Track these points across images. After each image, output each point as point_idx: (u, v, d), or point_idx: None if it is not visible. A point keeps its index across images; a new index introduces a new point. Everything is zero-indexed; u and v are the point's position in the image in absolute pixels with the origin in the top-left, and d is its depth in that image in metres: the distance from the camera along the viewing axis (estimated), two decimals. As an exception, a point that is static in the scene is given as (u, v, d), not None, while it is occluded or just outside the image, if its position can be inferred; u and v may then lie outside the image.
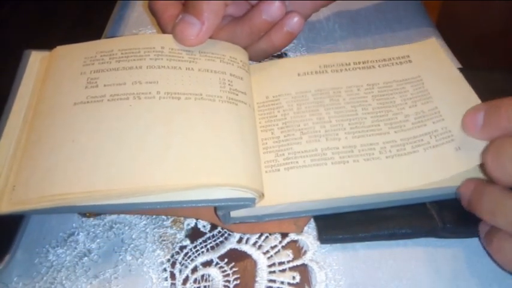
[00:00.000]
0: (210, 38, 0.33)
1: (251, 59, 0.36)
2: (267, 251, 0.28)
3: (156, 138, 0.27)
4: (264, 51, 0.35)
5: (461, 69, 0.33)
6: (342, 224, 0.28)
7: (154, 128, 0.28)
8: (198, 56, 0.32)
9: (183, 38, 0.31)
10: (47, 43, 0.33)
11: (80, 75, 0.30)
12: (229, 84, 0.31)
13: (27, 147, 0.28)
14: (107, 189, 0.25)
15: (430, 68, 0.33)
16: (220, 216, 0.28)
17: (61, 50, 0.32)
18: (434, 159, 0.28)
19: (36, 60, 0.32)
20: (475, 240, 0.28)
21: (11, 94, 0.30)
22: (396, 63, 0.34)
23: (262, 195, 0.27)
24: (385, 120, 0.30)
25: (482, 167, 0.27)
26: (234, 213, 0.28)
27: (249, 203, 0.27)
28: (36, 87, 0.31)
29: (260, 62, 0.37)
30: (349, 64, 0.34)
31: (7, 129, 0.29)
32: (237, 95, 0.31)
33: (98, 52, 0.32)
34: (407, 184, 0.27)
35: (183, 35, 0.31)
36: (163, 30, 0.34)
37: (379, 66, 0.34)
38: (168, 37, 0.32)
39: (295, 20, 0.33)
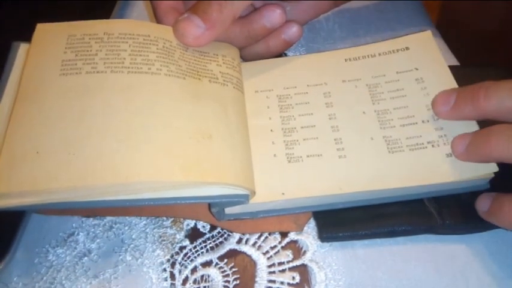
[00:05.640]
0: None
1: (243, 59, 0.35)
2: (267, 251, 0.28)
3: (142, 130, 0.26)
4: (258, 55, 0.35)
5: (456, 66, 0.33)
6: (341, 222, 0.28)
7: (143, 120, 0.26)
8: (191, 54, 0.31)
9: (183, 35, 0.30)
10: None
11: (62, 56, 0.28)
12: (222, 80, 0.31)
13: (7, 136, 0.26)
14: (92, 184, 0.24)
15: (424, 62, 0.33)
16: (214, 213, 0.28)
17: (42, 27, 0.30)
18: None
19: (25, 53, 0.30)
20: (475, 239, 0.28)
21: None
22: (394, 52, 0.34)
23: (253, 193, 0.27)
24: (382, 115, 0.31)
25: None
26: (228, 210, 0.28)
27: (242, 199, 0.26)
28: None
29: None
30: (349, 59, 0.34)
31: None
32: (228, 85, 0.31)
33: (84, 34, 0.29)
34: (407, 180, 0.27)
35: (185, 30, 0.30)
36: (159, 20, 0.33)
37: (379, 55, 0.34)
38: (165, 29, 0.31)
39: (293, 30, 0.33)
